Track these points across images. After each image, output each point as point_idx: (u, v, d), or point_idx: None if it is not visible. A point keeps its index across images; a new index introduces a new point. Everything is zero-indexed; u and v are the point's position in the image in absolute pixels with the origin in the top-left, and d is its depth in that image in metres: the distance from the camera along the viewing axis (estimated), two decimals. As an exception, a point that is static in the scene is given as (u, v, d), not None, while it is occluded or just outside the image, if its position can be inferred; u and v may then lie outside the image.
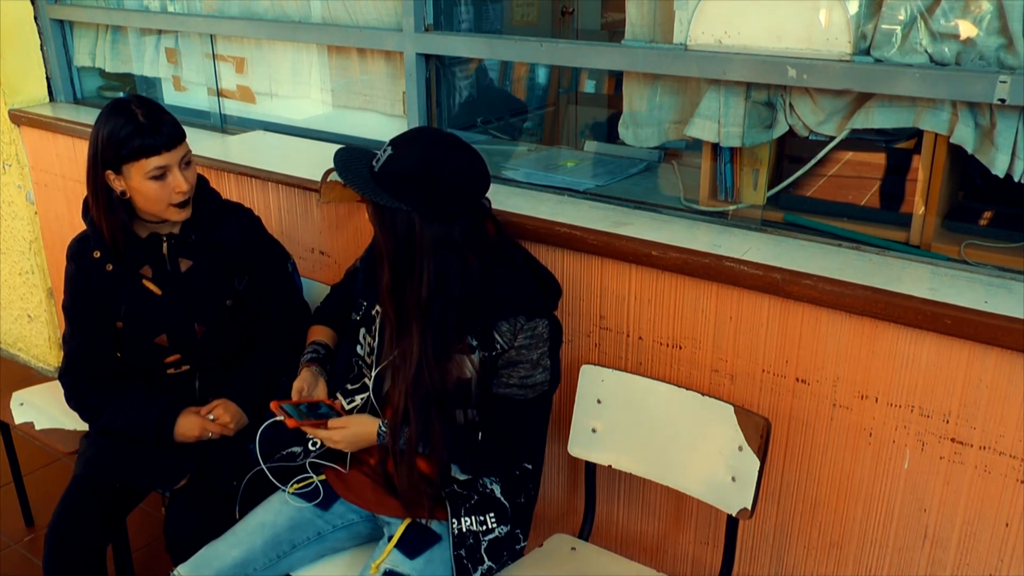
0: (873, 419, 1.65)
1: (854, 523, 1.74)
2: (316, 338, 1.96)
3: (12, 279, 3.60)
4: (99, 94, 3.44)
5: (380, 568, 1.68)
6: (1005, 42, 1.52)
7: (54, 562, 1.88)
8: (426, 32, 2.28)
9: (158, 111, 1.87)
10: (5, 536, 2.65)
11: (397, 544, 1.71)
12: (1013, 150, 1.54)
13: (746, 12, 1.74)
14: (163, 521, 1.91)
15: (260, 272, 2.08)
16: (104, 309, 1.98)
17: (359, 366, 1.85)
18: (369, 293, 1.84)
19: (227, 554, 1.73)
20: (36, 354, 3.67)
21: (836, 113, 1.74)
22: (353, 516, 1.83)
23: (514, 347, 1.67)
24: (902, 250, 1.73)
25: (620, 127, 2.04)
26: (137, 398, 1.97)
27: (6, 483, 2.71)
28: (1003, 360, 1.48)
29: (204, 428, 1.94)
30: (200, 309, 2.01)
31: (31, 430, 2.32)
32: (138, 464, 1.96)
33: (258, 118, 2.92)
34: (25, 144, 3.30)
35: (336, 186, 2.19)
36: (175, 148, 1.86)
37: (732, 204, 1.92)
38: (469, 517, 1.72)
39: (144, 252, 1.97)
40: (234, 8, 2.80)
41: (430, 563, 1.70)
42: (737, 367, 1.79)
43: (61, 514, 1.91)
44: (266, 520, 1.78)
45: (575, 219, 1.94)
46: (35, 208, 3.38)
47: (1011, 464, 1.53)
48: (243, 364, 2.07)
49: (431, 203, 1.61)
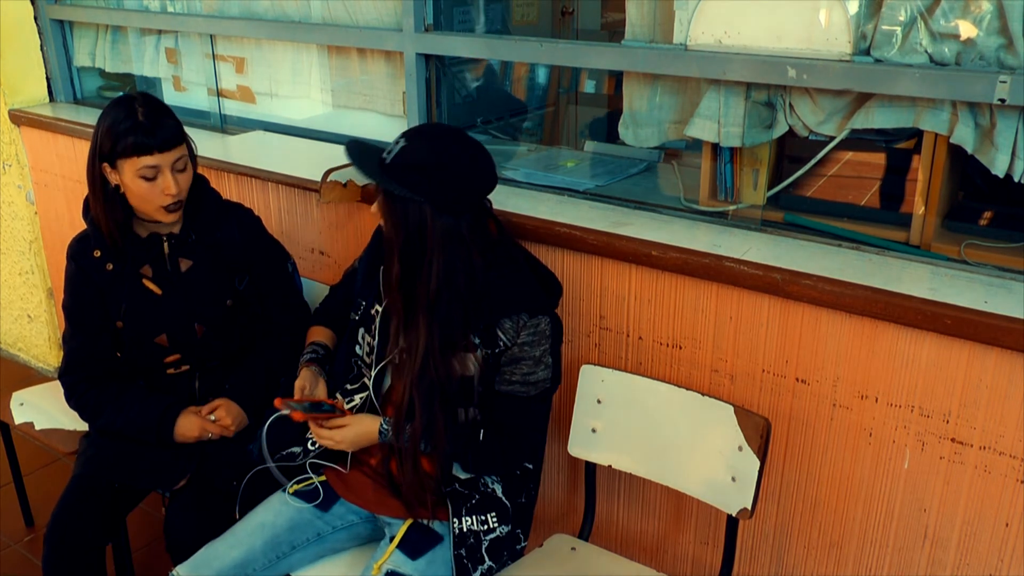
0: (873, 419, 1.65)
1: (854, 523, 1.74)
2: (315, 339, 1.96)
3: (12, 279, 3.60)
4: (99, 94, 3.44)
5: (382, 569, 1.68)
6: (1005, 42, 1.52)
7: (53, 562, 1.88)
8: (426, 32, 2.28)
9: (160, 112, 1.87)
10: (5, 536, 2.65)
11: (399, 545, 1.71)
12: (1013, 150, 1.54)
13: (746, 12, 1.74)
14: (163, 521, 1.91)
15: (260, 272, 2.08)
16: (104, 309, 1.98)
17: (358, 366, 1.85)
18: (368, 293, 1.84)
19: (227, 555, 1.73)
20: (36, 354, 3.67)
21: (836, 113, 1.74)
22: (353, 517, 1.83)
23: (517, 344, 1.67)
24: (902, 250, 1.73)
25: (620, 127, 2.04)
26: (137, 398, 1.97)
27: (6, 483, 2.71)
28: (1003, 360, 1.49)
29: (204, 428, 1.94)
30: (200, 309, 2.01)
31: (31, 430, 2.32)
32: (138, 464, 1.96)
33: (258, 118, 2.92)
34: (25, 144, 3.30)
35: (336, 186, 2.19)
36: (169, 151, 1.85)
37: (732, 204, 1.92)
38: (470, 516, 1.72)
39: (144, 252, 1.97)
40: (234, 8, 2.80)
41: (432, 563, 1.70)
42: (737, 367, 1.79)
43: (60, 514, 1.91)
44: (266, 521, 1.78)
45: (575, 219, 1.94)
46: (35, 208, 3.38)
47: (1011, 464, 1.53)
48: (243, 364, 2.07)
49: (443, 195, 1.61)
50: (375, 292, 1.83)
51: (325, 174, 2.18)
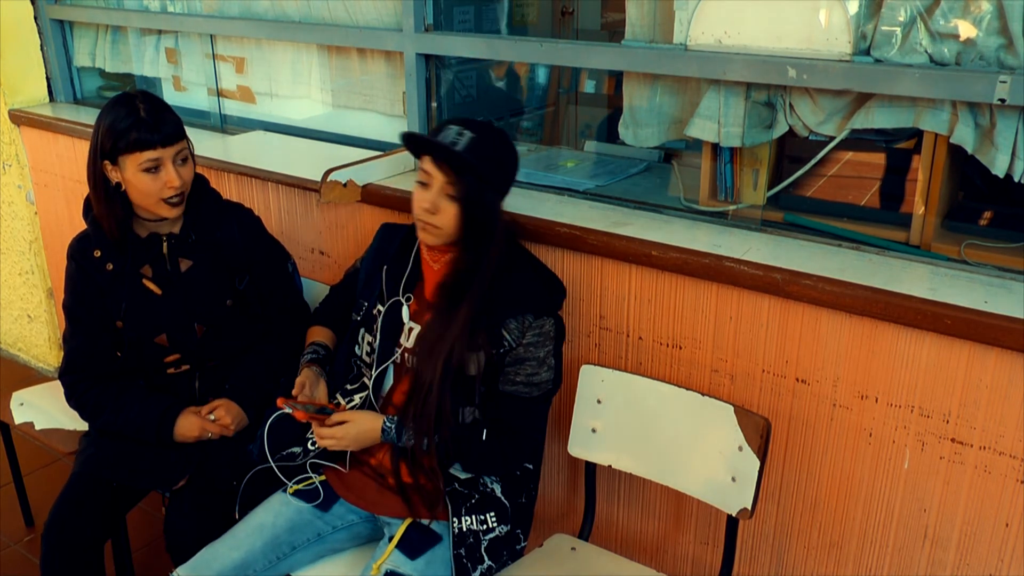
0: (873, 419, 1.65)
1: (854, 523, 1.74)
2: (315, 339, 1.96)
3: (12, 279, 3.60)
4: (99, 94, 3.44)
5: (381, 568, 1.68)
6: (1005, 42, 1.52)
7: (51, 560, 1.88)
8: (426, 32, 2.28)
9: (161, 108, 1.88)
10: (5, 536, 2.65)
11: (398, 544, 1.71)
12: (1013, 150, 1.54)
13: (746, 12, 1.74)
14: (163, 521, 1.91)
15: (260, 272, 2.08)
16: (104, 308, 1.98)
17: (357, 366, 1.85)
18: (370, 294, 1.84)
19: (227, 556, 1.73)
20: (36, 354, 3.68)
21: (836, 113, 1.74)
22: (353, 517, 1.83)
23: (522, 344, 1.68)
24: (902, 250, 1.73)
25: (620, 127, 2.04)
26: (137, 398, 1.97)
27: (6, 483, 2.71)
28: (1003, 360, 1.49)
29: (204, 428, 1.94)
30: (200, 309, 2.01)
31: (31, 430, 2.32)
32: (138, 464, 1.96)
33: (258, 118, 2.92)
34: (25, 144, 3.30)
35: (336, 186, 2.19)
36: (172, 145, 1.86)
37: (732, 204, 1.92)
38: (470, 516, 1.72)
39: (144, 251, 1.97)
40: (234, 8, 2.80)
41: (431, 563, 1.70)
42: (737, 367, 1.79)
43: (58, 511, 1.91)
44: (265, 521, 1.78)
45: (575, 219, 1.94)
46: (35, 208, 3.38)
47: (1011, 464, 1.53)
48: (243, 364, 2.07)
49: (506, 190, 1.74)
50: (377, 292, 1.83)
51: (325, 174, 2.18)
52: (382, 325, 1.79)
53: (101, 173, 1.88)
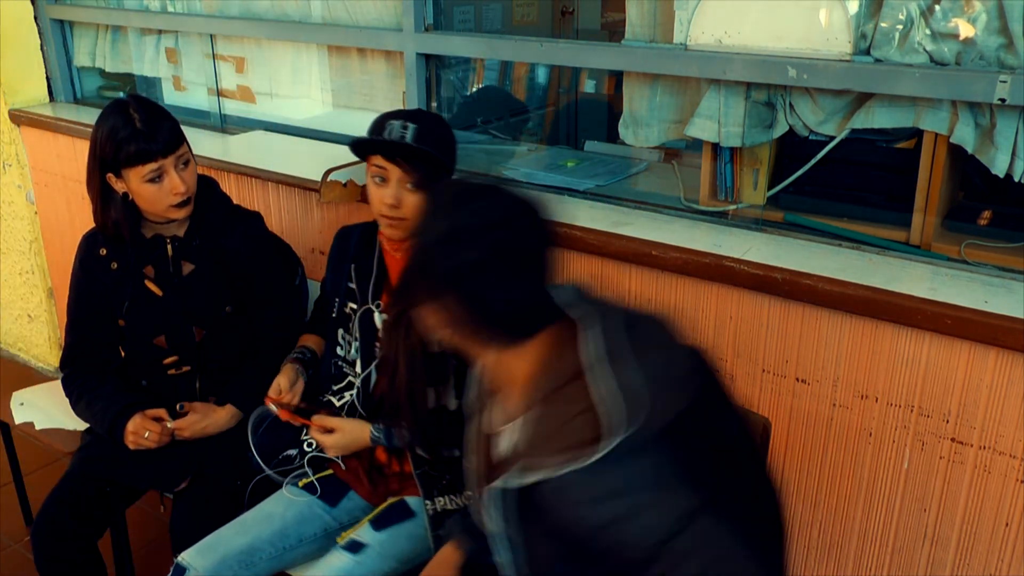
0: (873, 419, 1.65)
1: (854, 523, 1.74)
2: (303, 343, 1.99)
3: (12, 279, 3.60)
4: (99, 94, 3.44)
5: (346, 538, 1.72)
6: (1005, 42, 1.53)
7: (40, 556, 1.90)
8: (426, 32, 2.28)
9: (157, 115, 1.87)
10: (5, 536, 2.65)
11: (372, 520, 1.75)
12: (1013, 150, 1.54)
13: (746, 12, 1.74)
14: (167, 520, 1.91)
15: (261, 285, 2.06)
16: (107, 305, 1.99)
17: (338, 367, 1.86)
18: (339, 291, 1.86)
19: (233, 541, 1.74)
20: (36, 354, 3.67)
21: (836, 113, 1.74)
22: (359, 513, 1.83)
23: None
24: (902, 250, 1.73)
25: (620, 127, 2.04)
26: (106, 394, 1.98)
27: (6, 483, 2.71)
28: (1003, 360, 1.48)
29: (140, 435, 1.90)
30: (199, 313, 2.00)
31: (31, 430, 2.32)
32: (139, 464, 1.96)
33: (258, 118, 2.92)
34: (25, 144, 3.30)
35: (336, 185, 2.19)
36: (171, 153, 1.86)
37: (732, 204, 1.92)
38: (443, 496, 1.74)
39: (148, 252, 1.97)
40: (234, 8, 2.80)
41: (394, 536, 1.72)
42: (737, 367, 1.79)
43: (46, 509, 1.93)
44: (274, 512, 1.80)
45: (575, 219, 1.94)
46: (35, 208, 3.38)
47: (1011, 464, 1.53)
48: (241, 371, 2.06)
49: (453, 169, 1.76)
50: (345, 289, 1.85)
51: (325, 174, 2.17)
52: (360, 334, 1.81)
53: (105, 184, 1.89)
